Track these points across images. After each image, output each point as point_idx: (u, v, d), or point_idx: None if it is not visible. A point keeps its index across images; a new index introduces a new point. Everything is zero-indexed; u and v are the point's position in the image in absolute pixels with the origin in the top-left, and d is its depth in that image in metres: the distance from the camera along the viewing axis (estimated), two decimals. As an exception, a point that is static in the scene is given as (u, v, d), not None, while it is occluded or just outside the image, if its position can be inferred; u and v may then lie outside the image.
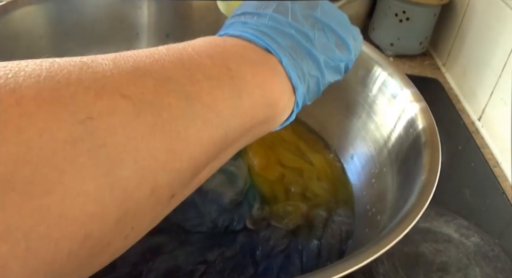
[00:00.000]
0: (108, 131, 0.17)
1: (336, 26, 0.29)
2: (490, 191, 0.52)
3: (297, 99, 0.27)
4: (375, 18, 0.77)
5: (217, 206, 0.39)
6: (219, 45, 0.25)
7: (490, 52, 0.63)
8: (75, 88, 0.17)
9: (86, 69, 0.18)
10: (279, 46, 0.26)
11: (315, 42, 0.28)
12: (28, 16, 0.44)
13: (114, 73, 0.19)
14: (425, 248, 0.41)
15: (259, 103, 0.24)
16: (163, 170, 0.19)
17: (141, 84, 0.19)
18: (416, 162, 0.34)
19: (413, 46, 0.75)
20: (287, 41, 0.27)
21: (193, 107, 0.20)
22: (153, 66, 0.20)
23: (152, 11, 0.52)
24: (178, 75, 0.21)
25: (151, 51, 0.22)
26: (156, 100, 0.19)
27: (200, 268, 0.35)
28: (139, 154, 0.18)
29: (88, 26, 0.48)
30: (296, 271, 0.36)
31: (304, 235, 0.39)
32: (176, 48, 0.23)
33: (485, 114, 0.63)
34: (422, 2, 0.71)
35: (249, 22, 0.28)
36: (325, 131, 0.49)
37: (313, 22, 0.28)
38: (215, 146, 0.22)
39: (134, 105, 0.18)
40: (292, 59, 0.27)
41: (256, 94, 0.24)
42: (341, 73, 0.31)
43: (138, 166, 0.18)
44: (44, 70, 0.17)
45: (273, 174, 0.44)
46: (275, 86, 0.25)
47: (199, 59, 0.22)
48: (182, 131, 0.19)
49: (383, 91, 0.42)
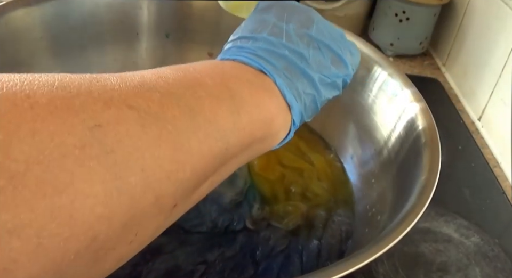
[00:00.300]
0: (115, 139, 0.18)
1: (332, 43, 0.30)
2: (490, 191, 0.52)
3: (293, 118, 0.28)
4: (375, 18, 0.77)
5: (217, 206, 0.39)
6: (218, 67, 0.26)
7: (490, 52, 0.63)
8: (85, 98, 0.18)
9: (95, 82, 0.19)
10: (273, 68, 0.27)
11: (310, 61, 0.29)
12: (27, 17, 0.44)
13: (122, 87, 0.19)
14: (425, 248, 0.41)
15: (257, 121, 0.25)
16: (167, 179, 0.19)
17: (147, 97, 0.20)
18: (416, 162, 0.34)
19: (413, 46, 0.76)
20: (281, 62, 0.28)
21: (196, 121, 0.21)
22: (158, 82, 0.21)
23: (152, 11, 0.52)
24: (182, 91, 0.22)
25: (156, 70, 0.23)
26: (161, 113, 0.20)
27: (200, 268, 0.35)
28: (145, 162, 0.18)
29: (88, 26, 0.48)
30: (296, 271, 0.36)
31: (304, 235, 0.39)
32: (179, 67, 0.24)
33: (485, 114, 0.63)
34: (422, 2, 0.71)
35: (245, 46, 0.29)
36: (325, 131, 0.49)
37: (308, 41, 0.29)
38: (215, 159, 0.22)
39: (140, 116, 0.19)
40: (287, 79, 0.28)
41: (254, 112, 0.25)
42: (338, 89, 0.31)
43: (145, 174, 0.18)
44: (56, 80, 0.18)
45: (273, 174, 0.44)
46: (270, 105, 0.27)
47: (201, 78, 0.24)
48: (185, 143, 0.20)
49: (383, 91, 0.42)
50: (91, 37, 0.49)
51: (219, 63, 0.28)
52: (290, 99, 0.28)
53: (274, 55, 0.28)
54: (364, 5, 0.77)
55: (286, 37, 0.29)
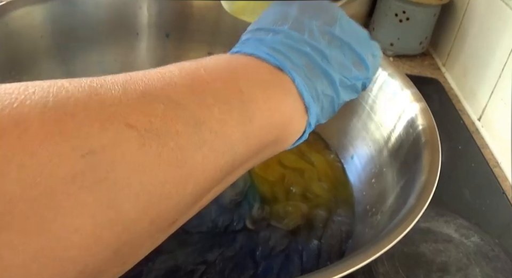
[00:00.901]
0: (110, 165, 0.17)
1: (355, 44, 0.29)
2: (490, 191, 0.52)
3: (309, 119, 0.27)
4: (375, 18, 0.77)
5: (217, 206, 0.39)
6: (231, 65, 0.25)
7: (490, 52, 0.63)
8: (80, 119, 0.17)
9: (94, 96, 0.18)
10: (293, 65, 0.26)
11: (331, 61, 0.27)
12: (28, 16, 0.44)
13: (123, 100, 0.18)
14: (425, 248, 0.41)
15: (269, 125, 0.24)
16: (166, 199, 0.19)
17: (149, 111, 0.19)
18: (416, 162, 0.34)
19: (413, 46, 0.75)
20: (301, 60, 0.26)
21: (201, 134, 0.20)
22: (164, 90, 0.20)
23: (152, 11, 0.52)
24: (188, 100, 0.20)
25: (163, 73, 0.21)
26: (163, 129, 0.19)
27: (200, 268, 0.35)
28: (141, 186, 0.17)
29: (88, 26, 0.48)
30: (296, 271, 0.36)
31: (304, 235, 0.39)
32: (189, 69, 0.22)
33: (485, 114, 0.63)
34: (422, 2, 0.71)
35: (264, 39, 0.27)
36: (325, 131, 0.49)
37: (331, 39, 0.28)
38: (221, 172, 0.21)
39: (140, 135, 0.18)
40: (306, 79, 0.26)
41: (267, 117, 0.24)
42: (357, 91, 0.30)
43: (140, 199, 0.17)
44: (50, 97, 0.17)
45: (273, 174, 0.44)
46: (287, 107, 0.25)
47: (211, 82, 0.22)
48: (188, 159, 0.19)
49: (383, 91, 0.42)
50: (91, 36, 0.49)
51: (233, 60, 0.26)
52: (308, 100, 0.26)
53: (296, 51, 0.26)
54: (364, 5, 0.77)
55: (308, 33, 0.27)
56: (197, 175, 0.20)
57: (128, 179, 0.17)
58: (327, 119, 0.30)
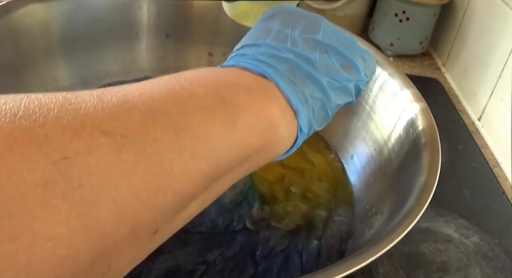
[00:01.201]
0: (84, 171, 0.16)
1: (341, 47, 0.29)
2: (490, 191, 0.52)
3: (300, 124, 0.26)
4: (375, 18, 0.77)
5: (217, 206, 0.39)
6: (212, 74, 0.24)
7: (490, 52, 0.63)
8: (51, 127, 0.16)
9: (67, 106, 0.17)
10: (275, 71, 0.26)
11: (317, 65, 0.27)
12: (28, 16, 0.44)
13: (98, 109, 0.18)
14: (425, 248, 0.41)
15: (255, 130, 0.24)
16: (144, 207, 0.18)
17: (125, 118, 0.18)
18: (416, 162, 0.34)
19: (413, 46, 0.76)
20: (284, 66, 0.26)
21: (181, 140, 0.20)
22: (142, 98, 0.20)
23: (152, 11, 0.52)
24: (168, 107, 0.20)
25: (143, 83, 0.21)
26: (140, 135, 0.18)
27: (200, 268, 0.35)
28: (118, 193, 0.17)
29: (88, 26, 0.48)
30: (296, 271, 0.36)
31: (304, 235, 0.39)
32: (168, 78, 0.22)
33: (485, 114, 0.63)
34: (422, 2, 0.71)
35: (247, 53, 0.27)
36: (325, 131, 0.49)
37: (315, 45, 0.28)
38: (204, 178, 0.21)
39: (115, 141, 0.17)
40: (291, 83, 0.26)
41: (252, 121, 0.23)
42: (351, 94, 0.30)
43: (117, 207, 0.17)
44: (22, 107, 0.16)
45: (273, 174, 0.44)
46: (272, 111, 0.25)
47: (191, 89, 0.22)
48: (167, 166, 0.19)
49: (383, 91, 0.42)
50: (91, 36, 0.49)
51: (216, 70, 0.26)
52: (295, 104, 0.26)
53: (277, 59, 0.27)
54: (363, 5, 0.77)
55: (291, 42, 0.27)
56: (178, 181, 0.19)
57: (103, 187, 0.17)
58: (322, 125, 0.29)
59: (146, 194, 0.18)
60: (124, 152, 0.17)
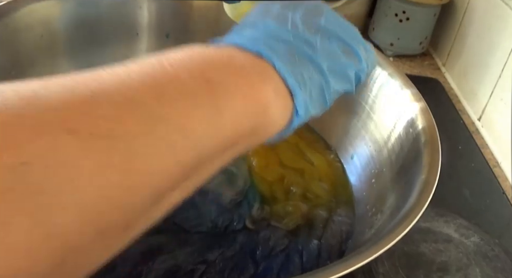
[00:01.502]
0: (45, 175, 0.15)
1: (343, 34, 0.28)
2: (490, 191, 0.52)
3: (296, 107, 0.25)
4: (375, 18, 0.77)
5: (217, 206, 0.39)
6: (199, 54, 0.23)
7: (490, 52, 0.63)
8: (12, 129, 0.15)
9: (34, 101, 0.16)
10: (273, 50, 0.24)
11: (317, 48, 0.26)
12: (28, 16, 0.44)
13: (67, 104, 0.17)
14: (425, 248, 0.41)
15: (244, 115, 0.22)
16: (114, 207, 0.17)
17: (97, 113, 0.17)
18: (416, 162, 0.34)
19: (413, 46, 0.76)
20: (282, 46, 0.25)
21: (158, 132, 0.18)
22: (118, 88, 0.18)
23: (152, 11, 0.52)
24: (146, 97, 0.19)
25: (121, 70, 0.20)
26: (111, 130, 0.17)
27: (200, 268, 0.35)
28: (83, 195, 0.16)
29: (89, 26, 0.48)
30: (296, 271, 0.36)
31: (304, 235, 0.39)
32: (150, 62, 0.21)
33: (485, 114, 0.63)
34: (422, 2, 0.71)
35: (244, 31, 0.26)
36: (325, 131, 0.49)
37: (317, 29, 0.27)
38: (184, 170, 0.20)
39: (82, 140, 0.16)
40: (289, 64, 0.25)
41: (241, 106, 0.22)
42: (350, 82, 0.29)
43: (82, 210, 0.16)
44: None
45: (273, 174, 0.44)
46: (264, 93, 0.23)
47: (174, 72, 0.20)
48: (139, 161, 0.18)
49: (383, 91, 0.42)
50: (91, 36, 0.49)
51: (205, 49, 0.23)
52: (292, 84, 0.24)
53: (276, 39, 0.25)
54: (364, 5, 0.77)
55: (292, 24, 0.26)
56: (153, 177, 0.18)
57: (65, 190, 0.16)
58: (319, 111, 0.28)
59: (117, 194, 0.17)
60: (91, 150, 0.16)
